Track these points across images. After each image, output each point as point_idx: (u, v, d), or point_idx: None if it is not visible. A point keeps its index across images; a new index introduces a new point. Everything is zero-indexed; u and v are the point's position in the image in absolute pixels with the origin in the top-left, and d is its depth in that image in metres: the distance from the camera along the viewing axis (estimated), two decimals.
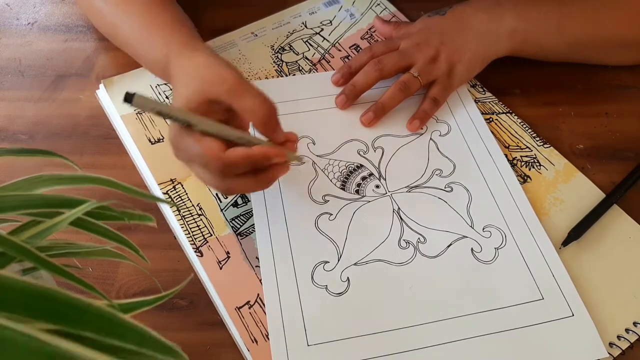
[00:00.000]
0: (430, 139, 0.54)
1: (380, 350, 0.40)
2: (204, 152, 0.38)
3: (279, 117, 0.41)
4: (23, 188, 0.24)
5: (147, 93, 0.56)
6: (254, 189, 0.43)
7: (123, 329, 0.19)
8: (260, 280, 0.44)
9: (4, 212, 0.23)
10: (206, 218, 0.48)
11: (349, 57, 0.61)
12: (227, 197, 0.49)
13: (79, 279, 0.22)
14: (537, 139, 0.54)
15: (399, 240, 0.46)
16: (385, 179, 0.50)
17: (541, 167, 0.52)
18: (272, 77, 0.59)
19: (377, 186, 0.50)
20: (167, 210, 0.49)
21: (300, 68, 0.60)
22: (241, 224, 0.48)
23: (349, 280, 0.44)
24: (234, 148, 0.39)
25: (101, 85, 0.57)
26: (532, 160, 0.52)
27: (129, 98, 0.35)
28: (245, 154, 0.39)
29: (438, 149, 0.53)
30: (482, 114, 0.55)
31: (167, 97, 0.56)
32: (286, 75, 0.60)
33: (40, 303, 0.18)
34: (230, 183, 0.40)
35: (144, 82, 0.58)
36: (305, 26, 0.65)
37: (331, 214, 0.48)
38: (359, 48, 0.62)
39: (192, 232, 0.47)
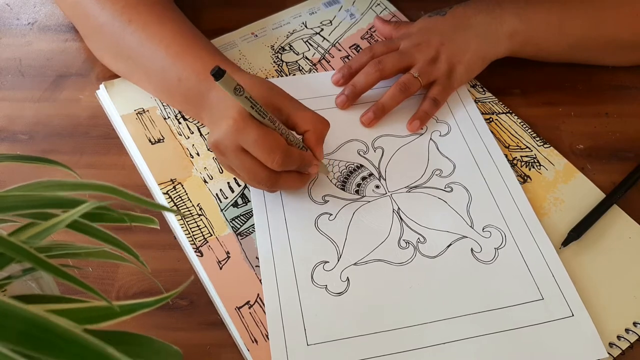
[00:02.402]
0: (430, 139, 0.54)
1: (380, 350, 0.40)
2: (274, 140, 0.41)
3: None
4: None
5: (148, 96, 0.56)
6: (296, 185, 0.47)
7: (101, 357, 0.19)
8: (260, 280, 0.44)
9: (3, 212, 0.23)
10: (206, 218, 0.48)
11: (349, 57, 0.61)
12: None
13: (78, 280, 0.22)
14: (537, 139, 0.54)
15: (399, 240, 0.46)
16: (385, 179, 0.50)
17: (541, 167, 0.52)
18: (272, 77, 0.59)
19: (377, 186, 0.50)
20: None
21: (301, 68, 0.60)
22: (241, 224, 0.48)
23: (348, 280, 0.44)
24: (291, 147, 0.43)
25: (101, 86, 0.57)
26: (532, 161, 0.52)
27: (219, 73, 0.36)
28: (302, 153, 0.44)
29: (438, 149, 0.53)
30: (482, 114, 0.55)
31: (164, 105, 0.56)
32: (286, 75, 0.60)
33: (18, 325, 0.18)
34: (280, 177, 0.44)
35: None
36: (306, 26, 0.65)
37: (331, 214, 0.48)
38: (359, 48, 0.62)
39: (192, 232, 0.47)
